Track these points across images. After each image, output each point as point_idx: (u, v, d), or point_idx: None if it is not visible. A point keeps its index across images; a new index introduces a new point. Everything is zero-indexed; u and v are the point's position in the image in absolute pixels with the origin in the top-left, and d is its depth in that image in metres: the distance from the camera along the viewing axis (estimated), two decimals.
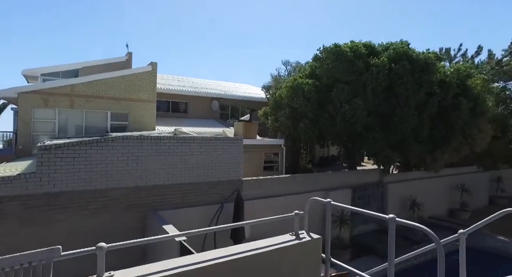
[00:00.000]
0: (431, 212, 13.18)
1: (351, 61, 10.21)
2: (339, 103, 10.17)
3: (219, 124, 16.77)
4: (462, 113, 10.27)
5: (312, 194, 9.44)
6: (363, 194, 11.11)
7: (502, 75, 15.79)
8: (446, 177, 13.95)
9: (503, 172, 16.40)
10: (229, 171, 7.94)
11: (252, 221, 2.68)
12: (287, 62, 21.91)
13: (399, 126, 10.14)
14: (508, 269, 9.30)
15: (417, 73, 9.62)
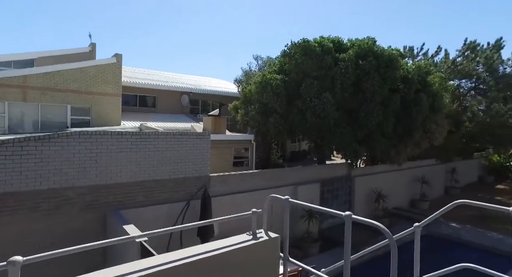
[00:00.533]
0: (395, 203, 13.80)
1: (320, 56, 10.32)
2: (308, 98, 10.25)
3: (190, 119, 16.37)
4: (423, 109, 10.77)
5: (281, 189, 9.50)
6: (331, 188, 11.36)
7: (456, 74, 16.79)
8: (408, 170, 14.65)
9: (457, 164, 17.57)
10: (196, 167, 7.72)
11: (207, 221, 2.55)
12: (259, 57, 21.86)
13: (365, 121, 10.43)
14: (459, 253, 10.01)
15: (382, 69, 9.93)
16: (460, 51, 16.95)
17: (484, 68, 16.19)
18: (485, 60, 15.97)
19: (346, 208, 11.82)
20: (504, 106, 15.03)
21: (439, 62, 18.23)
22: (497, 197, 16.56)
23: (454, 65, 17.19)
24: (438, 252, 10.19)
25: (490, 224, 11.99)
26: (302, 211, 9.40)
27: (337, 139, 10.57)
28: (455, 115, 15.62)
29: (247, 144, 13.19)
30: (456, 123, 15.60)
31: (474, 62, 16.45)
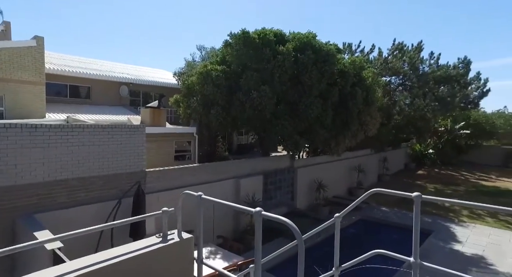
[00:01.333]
0: (334, 192, 14.60)
1: (259, 49, 10.28)
2: (248, 90, 10.18)
3: (129, 112, 15.24)
4: (358, 102, 11.43)
5: (224, 182, 9.32)
6: (274, 180, 11.53)
7: (387, 71, 18.28)
8: (346, 160, 15.59)
9: (388, 154, 19.28)
10: (129, 163, 7.13)
11: (118, 222, 2.24)
12: (202, 47, 21.17)
13: (305, 113, 10.70)
14: (387, 233, 10.99)
15: (320, 63, 10.25)
16: (390, 50, 18.44)
17: (409, 66, 17.86)
18: (410, 60, 17.62)
19: (289, 198, 12.14)
20: (423, 101, 16.80)
21: (374, 60, 19.64)
22: (417, 181, 18.60)
23: (386, 62, 18.66)
24: (371, 234, 11.06)
25: (411, 205, 13.36)
26: (243, 203, 9.34)
27: (279, 131, 10.70)
28: (386, 109, 17.02)
29: (189, 137, 12.71)
30: (387, 116, 17.01)
31: (401, 61, 18.05)
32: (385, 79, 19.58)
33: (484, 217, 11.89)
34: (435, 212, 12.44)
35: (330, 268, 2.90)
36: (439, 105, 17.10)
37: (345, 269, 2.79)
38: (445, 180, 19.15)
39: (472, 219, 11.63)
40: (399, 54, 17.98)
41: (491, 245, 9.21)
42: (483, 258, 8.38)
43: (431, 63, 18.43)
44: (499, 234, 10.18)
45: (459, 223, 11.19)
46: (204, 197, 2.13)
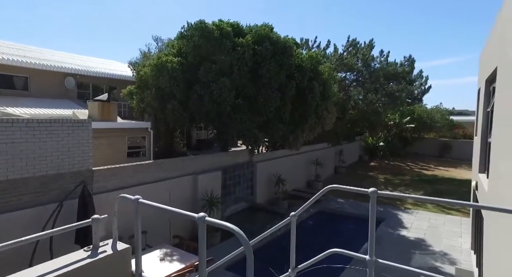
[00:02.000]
0: (294, 186, 14.85)
1: (218, 40, 9.95)
2: (206, 82, 9.83)
3: (76, 106, 13.96)
4: (315, 96, 11.65)
5: (181, 179, 8.93)
6: (233, 175, 11.35)
7: (343, 67, 18.97)
8: (304, 153, 15.92)
9: (343, 147, 20.13)
10: (73, 161, 6.45)
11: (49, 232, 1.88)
12: (159, 38, 20.08)
13: (264, 107, 10.65)
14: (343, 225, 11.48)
15: (278, 55, 10.21)
16: (345, 46, 19.11)
17: (361, 63, 18.69)
18: (363, 57, 18.44)
19: (248, 193, 12.07)
20: (375, 96, 17.74)
21: (330, 56, 20.24)
22: (370, 173, 19.73)
23: (341, 59, 19.33)
24: (329, 225, 11.43)
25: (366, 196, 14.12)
26: (201, 201, 9.07)
27: (237, 125, 10.52)
28: (342, 103, 17.68)
29: (143, 133, 11.98)
30: (342, 110, 17.68)
31: (355, 57, 18.82)
32: (340, 74, 20.32)
33: (425, 204, 12.93)
34: (386, 201, 13.23)
35: (287, 269, 2.80)
36: (389, 100, 18.19)
37: (301, 270, 2.71)
38: (394, 170, 20.54)
39: (416, 206, 12.60)
40: (353, 51, 18.72)
41: (430, 229, 10.03)
42: (424, 240, 9.10)
43: (381, 60, 19.49)
44: (437, 218, 11.15)
45: (405, 210, 12.04)
46: (142, 201, 1.84)
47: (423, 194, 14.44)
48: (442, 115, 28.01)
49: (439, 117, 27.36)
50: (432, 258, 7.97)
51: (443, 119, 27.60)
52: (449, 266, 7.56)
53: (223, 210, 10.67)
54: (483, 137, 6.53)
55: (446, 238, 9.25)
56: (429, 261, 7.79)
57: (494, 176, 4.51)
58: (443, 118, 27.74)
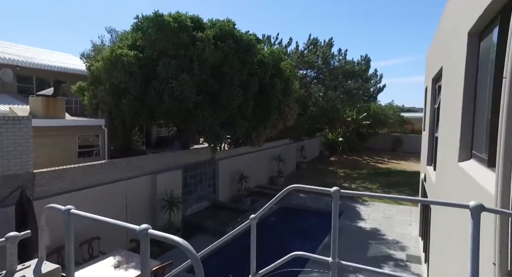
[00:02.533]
0: (257, 182, 14.89)
1: (176, 33, 9.54)
2: (165, 78, 9.39)
3: (16, 101, 12.59)
4: (277, 92, 11.71)
5: (138, 179, 8.47)
6: (195, 173, 11.06)
7: (304, 64, 19.36)
8: (267, 150, 16.03)
9: (305, 142, 20.64)
10: (7, 163, 5.77)
11: None
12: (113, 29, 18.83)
13: (226, 104, 10.46)
14: (305, 219, 11.78)
15: (241, 53, 10.07)
16: (306, 44, 19.49)
17: (321, 61, 19.22)
18: (323, 55, 18.97)
19: (210, 191, 11.85)
20: (334, 93, 18.37)
21: (292, 53, 20.53)
22: (330, 167, 20.49)
23: (302, 56, 19.70)
24: (291, 221, 11.62)
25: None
26: (161, 201, 8.69)
27: (199, 122, 10.23)
28: (303, 100, 18.05)
29: (96, 131, 11.17)
30: (303, 107, 18.05)
31: (315, 55, 19.29)
32: (302, 72, 20.72)
33: None
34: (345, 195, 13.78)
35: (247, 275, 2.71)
36: (347, 97, 18.93)
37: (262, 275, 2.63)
38: (352, 165, 21.52)
39: (372, 199, 13.29)
40: (313, 49, 19.16)
41: (385, 219, 10.65)
42: (379, 230, 9.64)
43: (340, 58, 20.21)
44: (391, 208, 11.88)
45: (363, 203, 12.65)
46: (74, 212, 1.55)
47: (378, 187, 15.29)
48: (394, 112, 29.94)
49: (392, 114, 29.20)
50: (386, 246, 8.45)
51: (395, 115, 29.52)
52: (400, 252, 8.06)
53: (184, 209, 10.35)
54: (430, 132, 7.01)
55: (398, 227, 9.88)
56: (383, 249, 8.25)
57: (440, 168, 4.82)
58: (395, 114, 29.67)
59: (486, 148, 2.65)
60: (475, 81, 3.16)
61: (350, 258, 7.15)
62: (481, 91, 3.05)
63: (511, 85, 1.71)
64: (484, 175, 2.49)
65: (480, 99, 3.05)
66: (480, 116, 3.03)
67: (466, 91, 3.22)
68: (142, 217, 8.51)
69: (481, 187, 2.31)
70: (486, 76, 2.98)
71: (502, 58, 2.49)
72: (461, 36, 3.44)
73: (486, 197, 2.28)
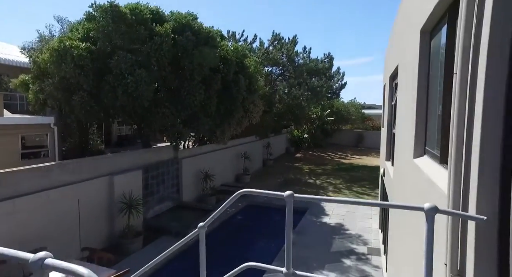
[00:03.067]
0: (223, 180, 14.64)
1: (133, 26, 8.99)
2: (121, 74, 8.81)
3: None
4: (241, 89, 11.54)
5: (93, 182, 7.88)
6: (157, 173, 10.57)
7: (269, 61, 19.38)
8: (233, 147, 15.82)
9: (271, 139, 20.72)
10: None
11: None
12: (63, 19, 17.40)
13: (188, 100, 10.10)
14: (270, 217, 11.80)
15: (202, 46, 9.73)
16: (270, 40, 19.50)
17: (286, 58, 19.36)
18: (287, 52, 19.11)
19: (174, 191, 11.42)
20: (299, 90, 18.60)
21: (257, 50, 20.44)
22: (295, 164, 20.80)
23: (267, 53, 19.69)
24: (257, 219, 11.56)
25: (290, 186, 14.77)
26: (119, 204, 8.16)
27: (159, 120, 9.77)
28: (268, 97, 18.06)
29: (44, 129, 10.25)
30: (269, 104, 18.07)
31: (280, 52, 19.38)
32: (267, 69, 20.73)
33: (343, 191, 14.13)
34: (309, 191, 14.02)
35: None
36: (311, 94, 19.26)
37: None
38: (317, 161, 22.02)
39: (336, 193, 13.67)
40: (278, 46, 19.21)
41: (348, 214, 10.97)
42: (343, 225, 9.90)
43: (304, 56, 20.51)
44: None
45: None
46: None
47: (342, 182, 15.76)
48: (356, 109, 31.14)
49: (354, 111, 30.34)
50: (349, 241, 8.67)
51: (357, 112, 30.71)
52: (362, 246, 8.32)
53: (146, 211, 9.87)
54: (388, 128, 7.25)
55: (360, 221, 10.21)
56: (346, 244, 8.46)
57: (397, 164, 4.95)
58: (357, 111, 30.88)
59: (438, 145, 2.69)
60: (427, 78, 3.22)
61: (315, 254, 7.25)
62: (433, 88, 3.11)
63: (461, 81, 1.68)
64: (437, 171, 2.51)
65: (432, 96, 3.11)
66: (433, 113, 3.09)
67: (420, 88, 3.27)
68: (98, 223, 7.93)
69: (434, 184, 2.32)
70: (437, 73, 3.04)
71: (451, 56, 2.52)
72: (414, 34, 3.49)
73: (438, 194, 2.29)
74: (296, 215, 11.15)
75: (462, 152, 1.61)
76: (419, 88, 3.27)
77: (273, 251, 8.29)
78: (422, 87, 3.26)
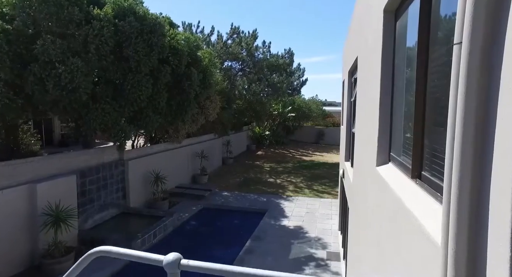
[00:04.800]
0: (178, 182, 13.59)
1: (64, 7, 7.64)
2: (50, 62, 7.46)
3: None
4: (194, 84, 10.61)
5: (6, 192, 6.52)
6: (97, 178, 9.30)
7: (228, 56, 18.50)
8: (189, 146, 14.79)
9: (231, 137, 19.92)
10: None
11: None
12: None
13: (133, 95, 8.97)
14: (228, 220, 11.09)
15: (147, 34, 8.64)
16: (228, 34, 18.62)
17: (246, 52, 18.63)
18: (247, 46, 18.38)
19: (119, 197, 10.20)
20: (258, 86, 18.00)
21: (215, 43, 19.44)
22: (256, 162, 20.26)
23: (226, 47, 18.79)
24: (213, 223, 10.73)
25: (250, 186, 14.17)
26: (45, 217, 6.88)
27: (99, 117, 8.55)
28: (227, 93, 17.23)
29: None
30: (227, 100, 17.24)
31: (239, 46, 18.58)
32: (227, 63, 19.83)
33: (304, 189, 13.82)
34: (269, 190, 13.50)
35: None
36: (271, 90, 18.76)
37: None
38: (278, 158, 21.67)
39: (296, 193, 13.28)
40: (237, 39, 18.41)
41: (308, 215, 10.59)
42: (302, 228, 9.47)
43: (264, 51, 19.92)
44: (313, 202, 11.96)
45: (287, 198, 12.49)
46: None
47: (302, 180, 15.47)
48: (317, 106, 31.43)
49: (315, 108, 30.59)
50: (308, 245, 8.23)
51: (318, 109, 31.01)
52: (321, 251, 7.92)
53: (83, 222, 8.61)
54: (347, 127, 6.85)
55: (320, 222, 9.86)
56: (305, 249, 8.00)
57: (357, 168, 4.46)
58: (318, 108, 31.18)
59: (409, 152, 2.13)
60: (392, 67, 2.66)
61: (272, 263, 6.44)
62: (399, 79, 2.56)
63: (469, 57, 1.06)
64: (409, 189, 1.93)
65: (399, 89, 2.56)
66: (400, 111, 2.54)
67: (384, 79, 2.71)
68: (13, 242, 6.60)
69: (405, 207, 1.72)
70: (403, 61, 2.48)
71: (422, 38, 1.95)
72: (376, 15, 2.93)
73: (404, 212, 1.71)
74: (255, 218, 10.55)
75: (469, 171, 0.99)
76: (383, 79, 2.71)
77: (227, 262, 7.57)
78: (386, 78, 2.70)
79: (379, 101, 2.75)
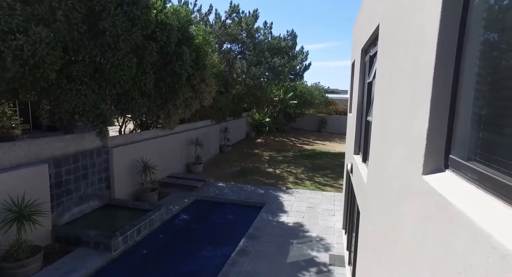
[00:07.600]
0: (170, 171, 12.71)
1: None
2: (7, 31, 6.39)
3: None
4: (186, 64, 9.52)
5: None
6: (75, 167, 8.37)
7: (227, 37, 17.23)
8: (183, 132, 13.81)
9: (229, 123, 18.87)
10: None
11: None
12: None
13: (114, 75, 7.92)
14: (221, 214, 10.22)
15: (128, 5, 7.49)
16: (227, 12, 17.29)
17: (246, 33, 17.34)
18: (247, 26, 17.07)
19: (102, 187, 9.31)
20: (258, 69, 16.79)
21: (214, 24, 18.14)
22: (255, 150, 19.29)
23: (225, 27, 17.50)
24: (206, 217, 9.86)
25: (247, 176, 13.26)
26: (3, 213, 5.98)
27: (74, 99, 7.53)
28: (225, 76, 16.08)
29: None
30: (225, 85, 16.12)
31: (239, 26, 17.28)
32: (226, 46, 18.59)
33: (304, 181, 12.91)
34: (267, 182, 12.61)
35: None
36: (272, 75, 17.58)
37: None
38: (278, 146, 20.71)
39: (296, 185, 12.37)
40: (236, 19, 17.09)
41: (309, 210, 9.71)
42: (302, 225, 8.59)
43: (265, 32, 18.61)
44: (314, 196, 11.05)
45: (286, 191, 11.59)
46: None
47: (304, 171, 14.55)
48: (320, 93, 30.18)
49: (318, 94, 29.35)
50: (309, 246, 7.36)
51: (321, 96, 29.77)
52: (324, 253, 7.05)
53: (59, 216, 7.75)
54: (358, 114, 5.82)
55: (322, 219, 8.98)
56: (306, 251, 7.13)
57: (376, 167, 3.45)
58: (321, 95, 29.93)
59: (492, 156, 1.13)
60: (460, 10, 1.62)
61: (267, 268, 5.24)
62: (476, 32, 1.53)
63: None
64: (491, 208, 0.93)
65: (475, 49, 1.53)
66: (473, 90, 1.53)
67: (443, 35, 1.67)
68: None
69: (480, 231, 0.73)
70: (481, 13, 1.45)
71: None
72: None
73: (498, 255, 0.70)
74: (252, 212, 9.70)
75: None
76: (441, 36, 1.67)
77: (217, 264, 6.74)
78: (447, 34, 1.67)
79: (432, 73, 1.73)
